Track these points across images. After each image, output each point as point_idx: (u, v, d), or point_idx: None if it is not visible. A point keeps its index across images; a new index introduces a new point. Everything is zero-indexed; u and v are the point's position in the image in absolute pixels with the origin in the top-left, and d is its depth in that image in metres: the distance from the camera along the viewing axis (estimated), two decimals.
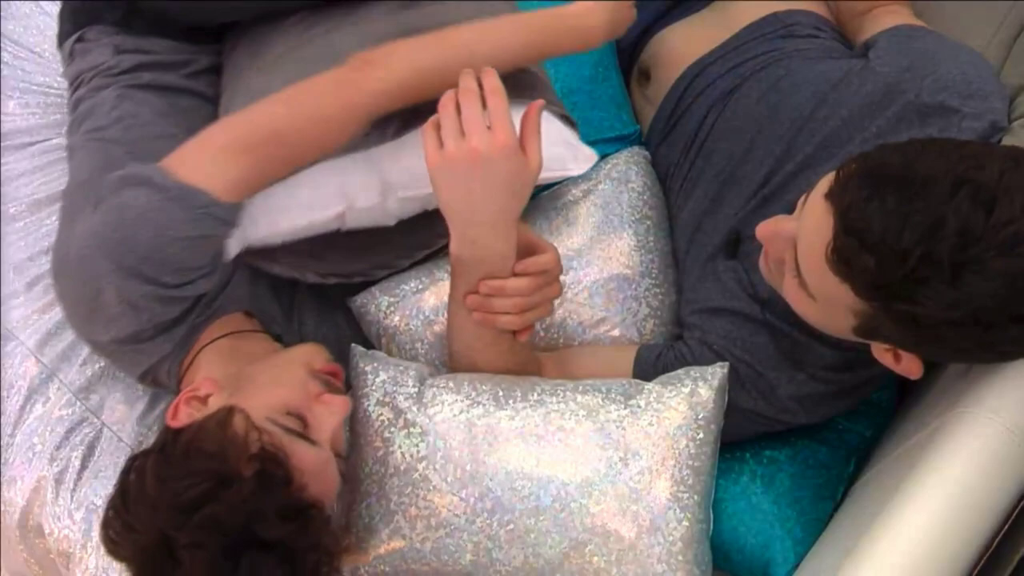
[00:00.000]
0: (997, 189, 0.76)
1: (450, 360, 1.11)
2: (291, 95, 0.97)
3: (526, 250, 0.99)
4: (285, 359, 0.98)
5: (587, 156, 1.15)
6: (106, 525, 0.87)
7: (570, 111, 1.19)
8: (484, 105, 0.93)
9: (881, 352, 0.90)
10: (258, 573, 0.81)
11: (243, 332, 1.05)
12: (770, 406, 1.05)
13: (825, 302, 0.87)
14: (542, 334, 1.14)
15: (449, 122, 0.92)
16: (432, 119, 0.94)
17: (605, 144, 1.25)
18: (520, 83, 1.11)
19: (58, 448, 1.13)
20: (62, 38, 1.23)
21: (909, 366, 0.89)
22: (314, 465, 0.88)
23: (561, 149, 1.13)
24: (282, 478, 0.85)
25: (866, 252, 0.78)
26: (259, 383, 0.93)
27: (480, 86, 0.93)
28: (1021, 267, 0.75)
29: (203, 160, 0.94)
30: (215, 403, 0.92)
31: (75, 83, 1.18)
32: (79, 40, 1.20)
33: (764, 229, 0.94)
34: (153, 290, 0.94)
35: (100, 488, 1.11)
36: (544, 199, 1.20)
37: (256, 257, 1.08)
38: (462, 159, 0.91)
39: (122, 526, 0.85)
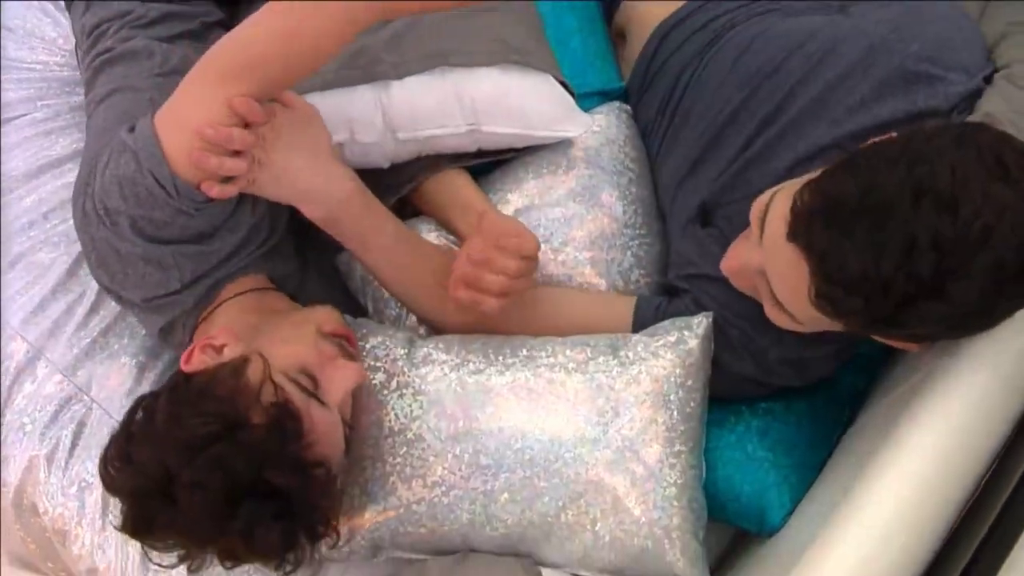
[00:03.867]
0: (954, 187, 0.76)
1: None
2: (268, 14, 0.91)
3: (513, 237, 0.99)
4: (300, 317, 0.98)
5: (584, 120, 1.17)
6: (105, 460, 0.87)
7: (560, 64, 1.20)
8: None
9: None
10: (256, 522, 0.81)
11: (263, 290, 1.04)
12: (759, 369, 1.05)
13: (812, 324, 0.88)
14: None
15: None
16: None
17: (588, 98, 1.25)
18: (519, 48, 1.13)
19: (48, 426, 1.12)
20: None
21: (906, 344, 0.90)
22: (324, 425, 0.89)
23: (560, 111, 1.14)
24: (294, 431, 0.85)
25: (852, 295, 0.79)
26: (274, 339, 0.93)
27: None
28: (998, 256, 0.76)
29: (198, 105, 0.90)
30: (230, 353, 0.92)
31: (94, 32, 1.14)
32: None
33: (728, 267, 0.96)
34: (177, 248, 0.95)
35: (92, 465, 1.10)
36: (525, 155, 1.20)
37: None
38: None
39: (123, 461, 0.85)
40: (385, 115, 1.10)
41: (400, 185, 1.16)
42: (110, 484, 0.87)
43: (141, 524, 0.85)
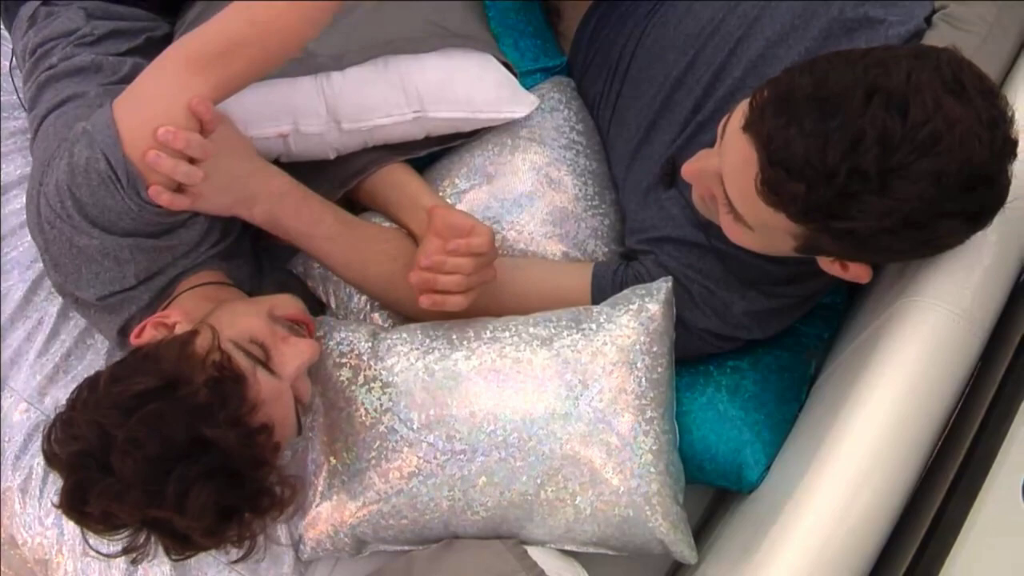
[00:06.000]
0: (907, 91, 0.77)
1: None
2: (236, 4, 0.93)
3: (464, 233, 0.99)
4: (254, 300, 0.97)
5: (529, 100, 1.16)
6: (48, 435, 0.85)
7: (500, 44, 1.20)
8: None
9: (828, 263, 0.91)
10: (191, 481, 0.79)
11: (220, 284, 1.03)
12: (725, 324, 1.06)
13: (762, 230, 0.89)
14: None
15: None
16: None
17: (531, 75, 1.25)
18: (459, 32, 1.14)
19: (18, 457, 1.11)
20: (12, 2, 1.18)
21: (857, 272, 0.90)
22: (270, 392, 0.87)
23: (505, 93, 1.14)
24: (236, 392, 0.83)
25: (794, 179, 0.80)
26: (227, 313, 0.92)
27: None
28: (943, 165, 0.77)
29: (160, 93, 0.90)
30: (180, 330, 0.90)
31: (37, 51, 1.13)
32: (45, 3, 1.16)
33: (689, 169, 0.95)
34: (135, 242, 0.94)
35: None
36: (472, 138, 1.19)
37: None
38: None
39: (63, 431, 0.83)
40: (328, 105, 1.09)
41: (347, 179, 1.15)
42: (51, 459, 0.84)
43: (77, 494, 0.82)
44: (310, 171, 1.13)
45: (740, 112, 0.85)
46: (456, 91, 1.12)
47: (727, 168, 0.88)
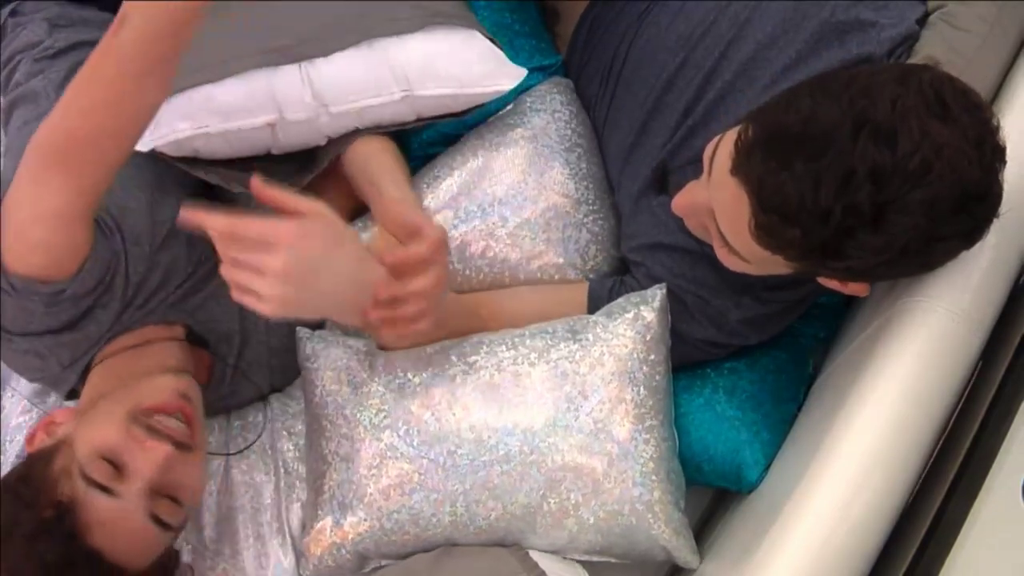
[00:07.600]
0: (894, 121, 0.76)
1: None
2: (69, 90, 0.84)
3: (411, 233, 0.94)
4: (122, 397, 0.94)
5: (516, 72, 1.14)
6: None
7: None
8: None
9: (826, 280, 0.91)
10: None
11: (141, 346, 1.01)
12: (721, 332, 1.06)
13: (759, 263, 0.89)
14: (485, 271, 1.14)
15: None
16: None
17: (529, 74, 1.23)
18: (438, 10, 1.12)
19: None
20: None
21: (855, 288, 0.90)
22: (107, 517, 0.87)
23: (490, 66, 1.13)
24: (66, 528, 0.85)
25: (789, 225, 0.80)
26: (91, 419, 0.93)
27: None
28: (935, 193, 0.77)
29: (24, 196, 0.86)
30: (62, 432, 0.93)
31: (7, 65, 1.11)
32: (12, 14, 1.13)
33: (679, 204, 0.95)
34: (54, 339, 0.94)
35: None
36: (472, 136, 1.19)
37: (188, 165, 1.07)
38: None
39: None
40: (314, 91, 1.07)
41: (323, 158, 1.13)
42: None
43: None
44: (303, 160, 1.12)
45: (726, 151, 0.85)
46: (441, 68, 1.10)
47: (718, 208, 0.88)
